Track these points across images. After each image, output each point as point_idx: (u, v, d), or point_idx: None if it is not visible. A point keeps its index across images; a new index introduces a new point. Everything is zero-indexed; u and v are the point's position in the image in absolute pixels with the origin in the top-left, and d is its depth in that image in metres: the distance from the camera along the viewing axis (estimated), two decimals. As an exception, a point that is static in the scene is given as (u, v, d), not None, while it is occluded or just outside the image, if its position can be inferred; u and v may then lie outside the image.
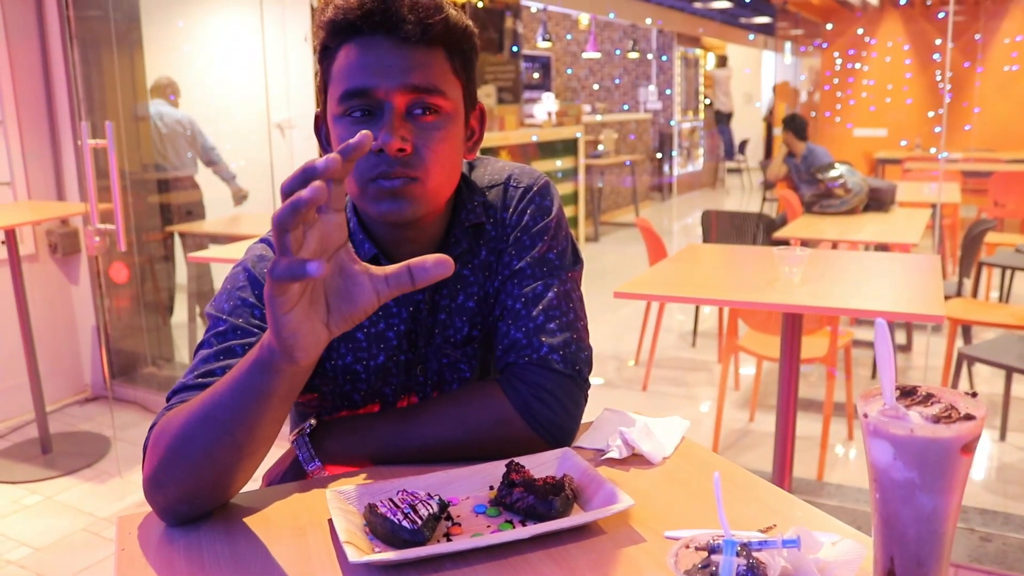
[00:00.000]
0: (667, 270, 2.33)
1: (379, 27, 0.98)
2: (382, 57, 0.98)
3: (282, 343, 0.76)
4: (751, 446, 3.61)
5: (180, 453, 0.88)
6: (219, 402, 0.86)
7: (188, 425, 0.88)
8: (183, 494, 0.90)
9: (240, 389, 0.84)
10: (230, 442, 0.87)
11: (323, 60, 1.04)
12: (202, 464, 0.88)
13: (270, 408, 0.85)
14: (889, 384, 0.61)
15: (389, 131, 0.97)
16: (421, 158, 1.00)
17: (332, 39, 1.02)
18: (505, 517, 0.90)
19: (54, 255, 4.09)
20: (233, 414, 0.85)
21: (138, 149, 4.30)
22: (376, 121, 0.99)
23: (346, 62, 1.00)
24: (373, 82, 0.98)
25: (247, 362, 0.84)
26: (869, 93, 9.54)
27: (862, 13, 9.54)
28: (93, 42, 4.07)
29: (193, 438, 0.87)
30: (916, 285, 2.05)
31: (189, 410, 0.89)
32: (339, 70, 1.01)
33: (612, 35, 12.03)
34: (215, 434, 0.86)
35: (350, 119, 1.00)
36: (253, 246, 1.11)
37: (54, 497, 3.20)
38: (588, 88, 12.29)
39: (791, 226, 4.20)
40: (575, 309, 1.12)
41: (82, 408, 4.13)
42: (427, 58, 1.00)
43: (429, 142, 1.00)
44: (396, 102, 0.98)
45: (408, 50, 0.99)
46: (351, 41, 1.00)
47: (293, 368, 0.80)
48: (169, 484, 0.89)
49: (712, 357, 4.85)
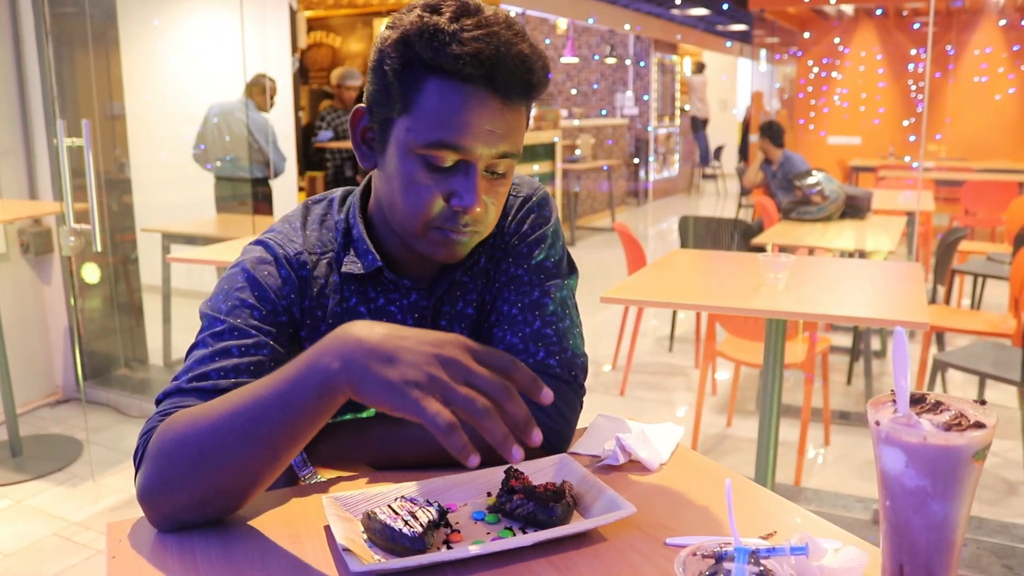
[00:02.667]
0: (651, 276, 2.34)
1: (489, 86, 0.94)
2: (487, 119, 0.95)
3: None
4: (729, 451, 3.63)
5: (205, 462, 0.84)
6: (265, 417, 0.82)
7: (218, 434, 0.84)
8: (195, 502, 0.87)
9: (291, 407, 0.81)
10: (272, 456, 0.84)
11: (404, 76, 0.96)
12: (230, 474, 0.85)
13: (319, 424, 0.83)
14: (904, 392, 0.61)
15: (475, 195, 0.96)
16: (488, 213, 1.01)
17: (424, 67, 0.95)
18: (504, 524, 0.89)
19: (26, 255, 4.03)
20: (282, 430, 0.82)
21: (113, 148, 4.24)
22: (457, 176, 0.97)
23: (443, 103, 0.94)
24: (473, 140, 0.95)
25: (302, 380, 0.80)
26: (843, 101, 9.66)
27: (838, 22, 9.65)
28: (68, 40, 4.01)
29: (226, 448, 0.83)
30: (899, 292, 2.07)
31: (216, 417, 0.84)
32: (432, 108, 0.95)
33: (590, 40, 12.08)
34: (258, 448, 0.83)
35: (430, 159, 0.97)
36: (250, 247, 1.09)
37: (24, 501, 3.14)
38: (566, 93, 12.33)
39: (768, 232, 4.24)
40: (571, 316, 1.13)
41: (53, 410, 4.06)
42: (518, 120, 0.98)
43: (497, 198, 1.02)
44: (482, 163, 0.97)
45: (510, 114, 0.96)
46: (449, 80, 0.94)
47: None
48: (182, 492, 0.86)
49: (689, 362, 4.87)
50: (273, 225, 1.12)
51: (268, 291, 1.03)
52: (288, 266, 1.06)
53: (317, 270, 1.08)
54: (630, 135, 12.07)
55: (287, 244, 1.08)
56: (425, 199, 0.98)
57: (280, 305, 1.04)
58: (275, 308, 1.03)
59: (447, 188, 0.98)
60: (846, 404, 4.12)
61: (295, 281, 1.06)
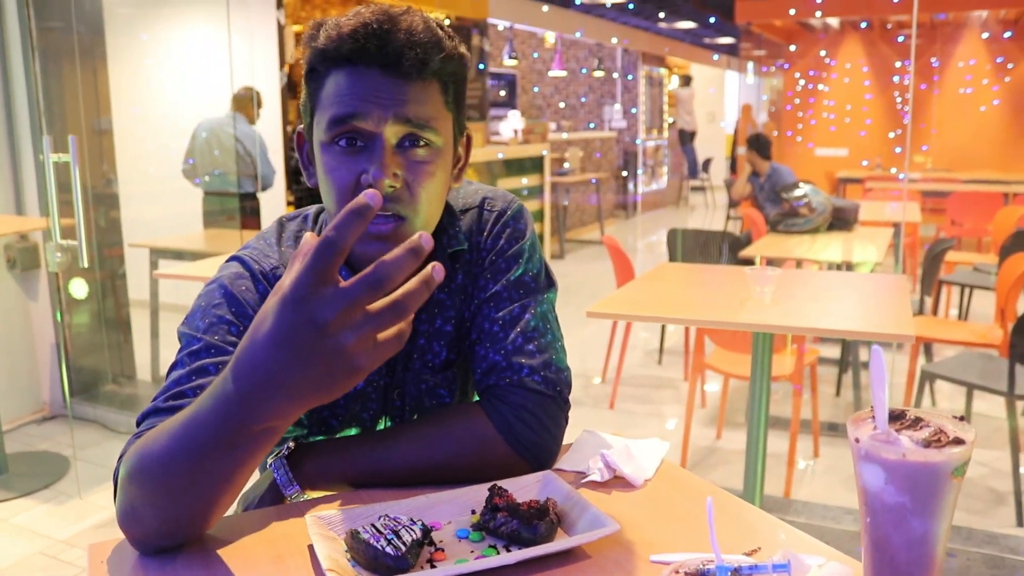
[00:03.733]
0: (638, 290, 2.34)
1: (373, 61, 0.95)
2: (376, 88, 0.96)
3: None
4: (718, 463, 3.63)
5: (159, 486, 0.83)
6: (198, 437, 0.78)
7: (166, 457, 0.81)
8: (163, 527, 0.86)
9: (228, 445, 0.77)
10: (221, 484, 0.81)
11: (310, 81, 1.01)
12: (183, 497, 0.83)
13: (264, 452, 0.79)
14: (882, 409, 0.61)
15: (380, 167, 0.95)
16: (411, 195, 0.98)
17: (321, 64, 0.99)
18: (488, 542, 0.89)
19: (12, 270, 4.01)
20: (228, 465, 0.79)
21: (101, 163, 4.23)
22: (365, 153, 0.97)
23: (336, 88, 0.97)
24: (365, 109, 0.95)
25: (215, 409, 0.75)
26: (830, 113, 9.72)
27: (824, 35, 9.73)
28: (55, 54, 4.00)
29: (173, 471, 0.81)
30: (885, 304, 2.08)
31: (166, 440, 0.81)
32: (328, 96, 0.98)
33: (578, 53, 12.13)
34: (195, 467, 0.80)
35: (339, 148, 0.98)
36: (227, 263, 1.09)
37: (10, 519, 3.12)
38: (554, 106, 12.37)
39: (757, 244, 4.25)
40: (552, 330, 1.12)
41: (40, 427, 4.03)
42: (422, 92, 0.97)
43: (420, 177, 0.98)
44: (387, 135, 0.96)
45: (403, 83, 0.96)
46: (342, 69, 0.97)
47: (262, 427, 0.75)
48: (149, 517, 0.85)
49: (678, 375, 4.87)
50: (248, 242, 1.12)
51: (246, 306, 1.03)
52: (265, 281, 1.06)
53: None
54: (618, 148, 12.11)
55: (263, 260, 1.08)
56: (341, 183, 0.98)
57: None
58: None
59: (358, 168, 0.97)
60: (835, 416, 4.13)
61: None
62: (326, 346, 0.66)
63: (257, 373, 0.70)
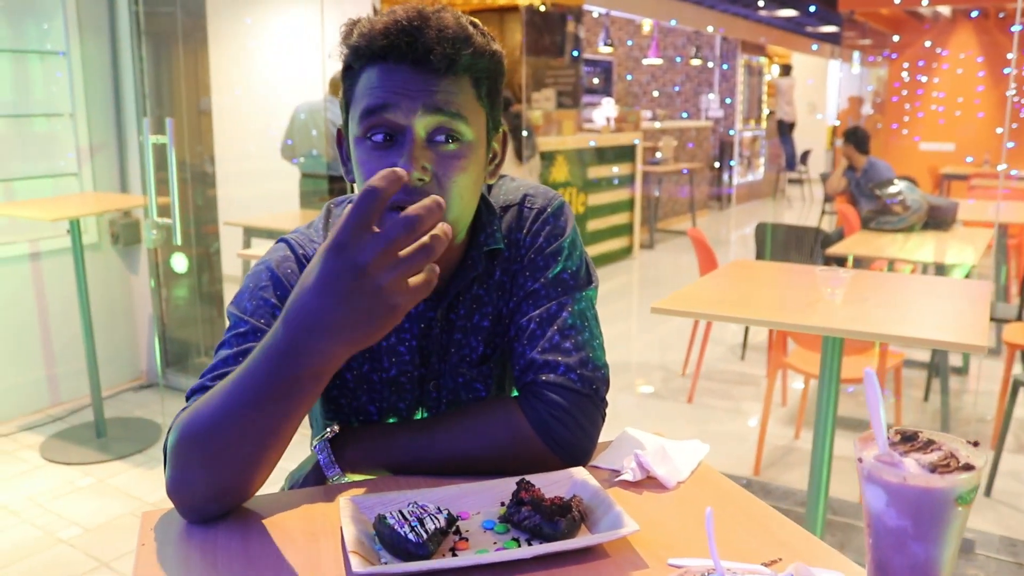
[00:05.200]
0: (709, 286, 2.31)
1: (404, 57, 0.98)
2: (406, 81, 0.98)
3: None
4: (794, 464, 3.55)
5: (209, 447, 0.89)
6: (248, 391, 0.85)
7: (218, 415, 0.88)
8: (211, 491, 0.92)
9: (276, 396, 0.85)
10: (268, 443, 0.89)
11: (346, 79, 1.04)
12: (232, 455, 0.89)
13: (300, 395, 0.86)
14: (880, 431, 0.61)
15: (409, 159, 0.96)
16: (441, 188, 0.99)
17: (356, 61, 1.02)
18: (512, 535, 0.91)
19: (115, 245, 4.22)
20: (275, 419, 0.87)
21: (200, 142, 4.41)
22: (396, 148, 0.99)
23: (367, 83, 1.00)
24: (395, 100, 0.97)
25: (267, 359, 0.83)
26: (938, 106, 9.30)
27: (931, 24, 9.30)
28: (160, 38, 4.18)
29: (224, 428, 0.88)
30: (962, 311, 2.00)
31: (218, 399, 0.88)
32: (361, 91, 1.00)
33: (675, 41, 11.94)
34: (245, 421, 0.87)
35: (370, 143, 1.00)
36: (276, 245, 1.13)
37: (106, 480, 3.30)
38: (648, 94, 12.21)
39: (846, 242, 4.13)
40: (590, 328, 1.12)
41: (136, 394, 4.25)
42: (452, 85, 0.99)
43: (450, 171, 0.99)
44: (417, 128, 0.98)
45: (433, 77, 0.98)
46: (375, 65, 0.99)
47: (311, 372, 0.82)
48: (198, 481, 0.92)
49: (761, 371, 4.78)
50: (299, 227, 1.16)
51: (290, 290, 1.06)
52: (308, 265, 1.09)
53: None
54: (713, 138, 11.88)
55: (307, 245, 1.11)
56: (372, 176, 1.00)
57: None
58: None
59: (390, 162, 0.98)
60: (920, 422, 3.99)
61: None
62: (365, 286, 0.75)
63: (305, 319, 0.78)
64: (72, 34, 3.93)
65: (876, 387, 0.60)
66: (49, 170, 3.98)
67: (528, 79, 8.00)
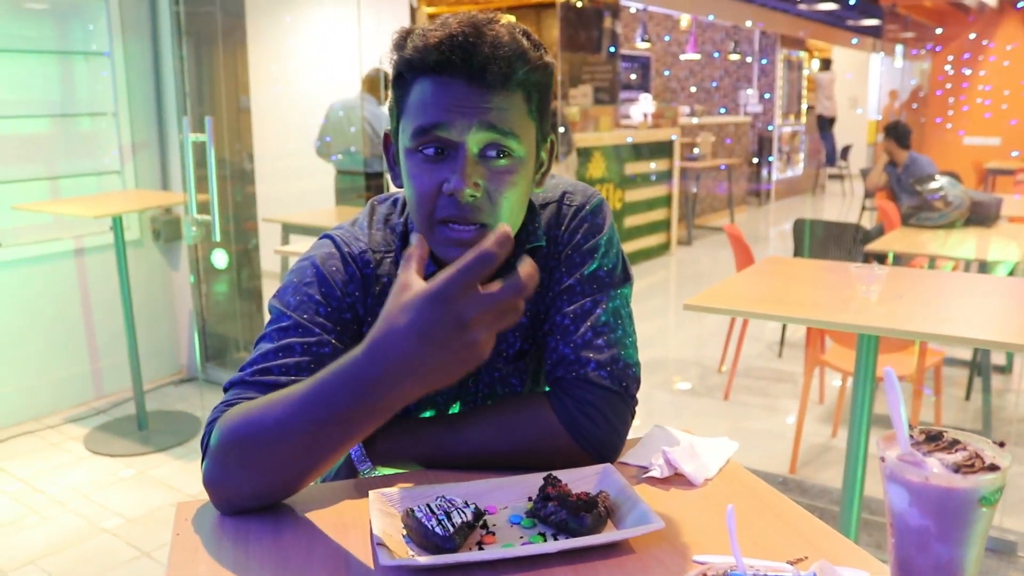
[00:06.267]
0: (743, 283, 2.30)
1: (459, 72, 0.97)
2: (460, 97, 0.97)
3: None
4: (831, 462, 3.52)
5: (264, 458, 0.91)
6: (320, 411, 0.86)
7: (282, 427, 0.88)
8: (252, 492, 0.94)
9: (350, 423, 0.86)
10: (328, 456, 0.90)
11: (397, 87, 1.04)
12: (286, 470, 0.91)
13: (368, 423, 0.88)
14: (902, 430, 0.60)
15: (461, 176, 0.97)
16: (493, 204, 1.00)
17: (408, 71, 1.01)
18: (539, 529, 0.91)
19: (157, 241, 4.30)
20: (340, 440, 0.88)
21: (239, 140, 4.47)
22: (447, 162, 0.99)
23: (421, 97, 0.99)
24: (449, 119, 0.97)
25: (361, 401, 0.84)
26: (984, 99, 9.11)
27: (975, 16, 9.11)
28: (201, 37, 4.25)
29: (284, 448, 0.89)
30: (1005, 309, 1.97)
31: (282, 411, 0.89)
32: (414, 104, 1.00)
33: (713, 36, 11.83)
34: (315, 451, 0.88)
35: (422, 156, 1.00)
36: (321, 241, 1.14)
37: (148, 472, 3.37)
38: (686, 90, 12.12)
39: (886, 238, 4.07)
40: (623, 326, 1.12)
41: (177, 388, 4.33)
42: (505, 101, 0.99)
43: (501, 187, 1.00)
44: (470, 145, 0.98)
45: (487, 93, 0.98)
46: (428, 78, 0.99)
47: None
48: (243, 481, 0.93)
49: (799, 369, 4.74)
50: (343, 223, 1.17)
51: (335, 287, 1.08)
52: (353, 263, 1.10)
53: (380, 268, 1.11)
54: (752, 133, 11.76)
55: (352, 242, 1.12)
56: (423, 190, 1.00)
57: (345, 302, 1.08)
58: (340, 305, 1.08)
59: (441, 177, 0.99)
60: (962, 420, 3.92)
61: (360, 279, 1.10)
62: (464, 338, 0.78)
63: (399, 360, 0.80)
64: (115, 35, 4.01)
65: (896, 386, 0.60)
66: (93, 168, 4.07)
67: (565, 75, 7.98)
